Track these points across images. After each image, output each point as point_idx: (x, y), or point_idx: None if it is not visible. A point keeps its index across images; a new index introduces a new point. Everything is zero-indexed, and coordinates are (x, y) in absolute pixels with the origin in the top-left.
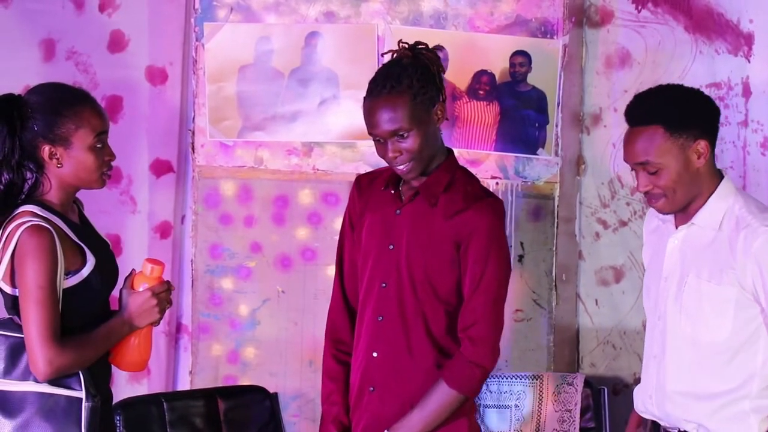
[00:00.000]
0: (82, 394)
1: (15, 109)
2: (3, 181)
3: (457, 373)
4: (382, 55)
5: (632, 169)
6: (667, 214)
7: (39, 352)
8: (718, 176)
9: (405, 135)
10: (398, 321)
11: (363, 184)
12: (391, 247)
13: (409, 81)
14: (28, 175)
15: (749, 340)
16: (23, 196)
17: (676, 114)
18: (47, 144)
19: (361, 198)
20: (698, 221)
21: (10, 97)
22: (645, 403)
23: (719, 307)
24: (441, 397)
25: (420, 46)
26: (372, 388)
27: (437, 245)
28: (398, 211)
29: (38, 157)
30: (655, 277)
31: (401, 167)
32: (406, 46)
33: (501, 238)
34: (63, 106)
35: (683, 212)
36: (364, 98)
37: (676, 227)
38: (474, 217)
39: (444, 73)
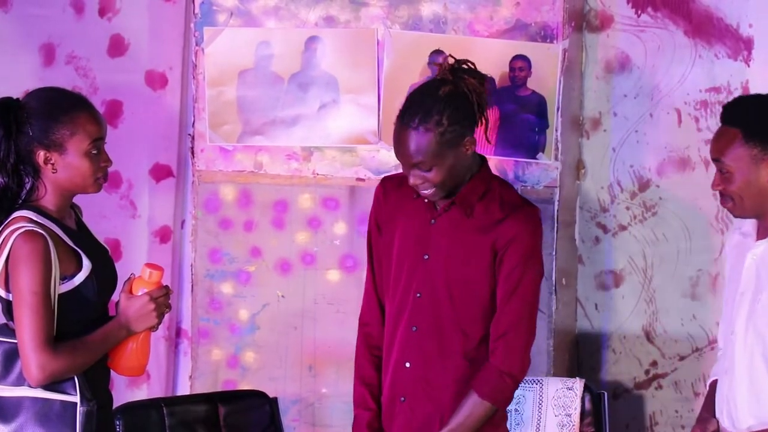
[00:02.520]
0: (77, 399)
1: (12, 113)
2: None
3: (489, 383)
4: (429, 64)
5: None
6: (737, 217)
7: (32, 358)
8: None
9: (429, 169)
10: (433, 332)
11: (389, 187)
12: (426, 257)
13: (438, 117)
14: (26, 179)
15: None
16: (20, 201)
17: (758, 124)
18: (42, 149)
19: (388, 202)
20: None
21: (7, 101)
22: (720, 415)
23: None
24: (473, 408)
25: (465, 67)
26: (403, 398)
27: (475, 255)
28: (433, 221)
29: (34, 161)
30: (732, 292)
31: (424, 192)
32: (451, 63)
33: (538, 247)
34: (59, 112)
35: (764, 227)
36: (397, 116)
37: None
38: (513, 226)
39: (488, 94)
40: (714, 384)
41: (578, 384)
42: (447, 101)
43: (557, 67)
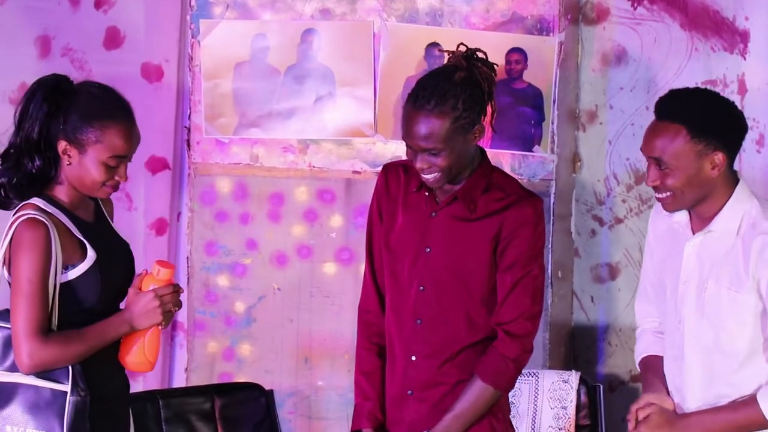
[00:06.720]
0: (67, 388)
1: (60, 96)
2: (35, 166)
3: (492, 368)
4: (441, 51)
5: (647, 159)
6: (671, 212)
7: (22, 346)
8: (734, 182)
9: (437, 153)
10: (439, 325)
11: (391, 176)
12: (428, 250)
13: (454, 102)
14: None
15: (761, 348)
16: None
17: (703, 120)
18: (65, 141)
19: (390, 191)
20: (716, 228)
21: (59, 80)
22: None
23: (740, 316)
24: (476, 393)
25: (477, 56)
26: (410, 392)
27: (477, 246)
28: (434, 214)
29: (55, 147)
30: (671, 278)
31: (428, 177)
32: (464, 51)
33: (541, 237)
34: (95, 115)
35: (698, 217)
36: (406, 101)
37: (693, 232)
38: (514, 216)
39: (495, 86)
40: (647, 360)
41: (574, 377)
42: (462, 87)
43: (553, 59)
